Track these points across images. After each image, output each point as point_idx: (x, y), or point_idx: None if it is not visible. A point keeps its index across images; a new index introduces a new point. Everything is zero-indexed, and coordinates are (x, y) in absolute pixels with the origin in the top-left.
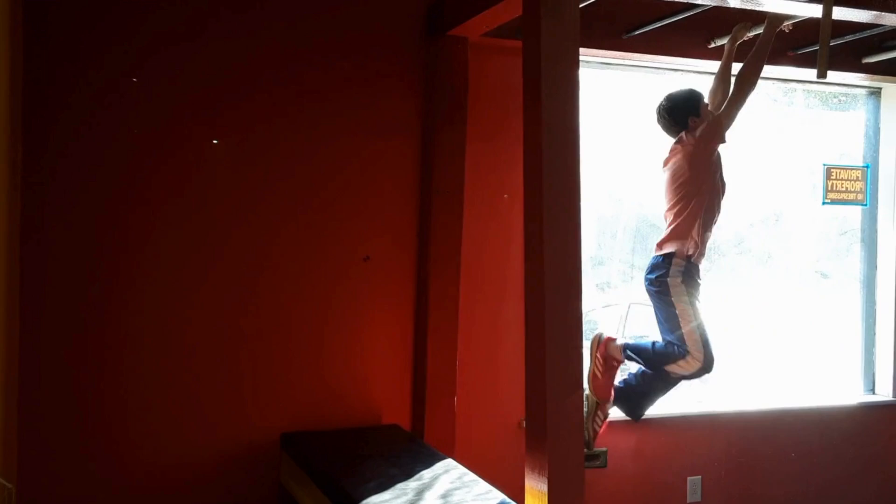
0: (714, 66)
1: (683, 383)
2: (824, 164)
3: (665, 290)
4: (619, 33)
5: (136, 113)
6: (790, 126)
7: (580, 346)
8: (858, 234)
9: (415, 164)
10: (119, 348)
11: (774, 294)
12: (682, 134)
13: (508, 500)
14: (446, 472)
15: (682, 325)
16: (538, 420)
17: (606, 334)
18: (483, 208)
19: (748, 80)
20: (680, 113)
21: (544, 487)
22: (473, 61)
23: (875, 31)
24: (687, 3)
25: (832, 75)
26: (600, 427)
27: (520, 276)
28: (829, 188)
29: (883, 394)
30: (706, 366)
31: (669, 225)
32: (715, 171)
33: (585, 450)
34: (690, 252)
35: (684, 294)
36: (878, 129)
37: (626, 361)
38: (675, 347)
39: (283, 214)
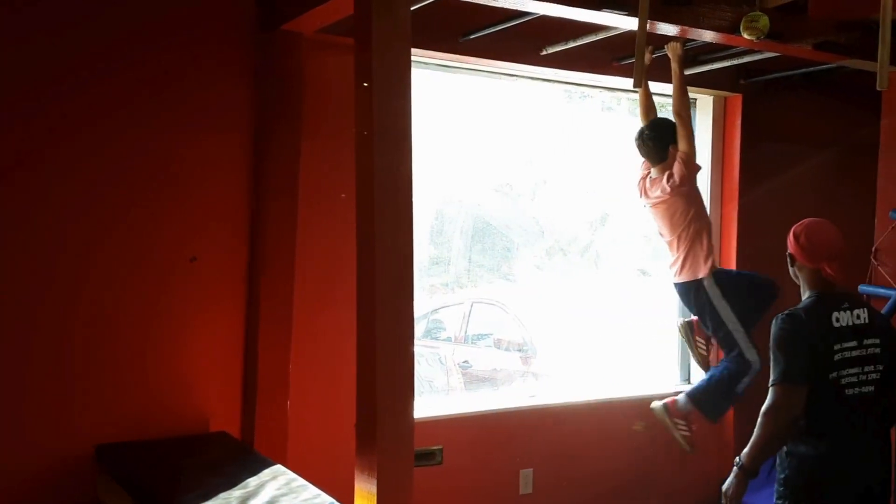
0: (547, 72)
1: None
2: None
3: (710, 306)
4: (456, 36)
5: None
6: (616, 132)
7: (411, 348)
8: None
9: (247, 162)
10: None
11: (601, 291)
12: (665, 183)
13: (336, 503)
14: (274, 478)
15: (733, 332)
16: (368, 421)
17: (664, 402)
18: (319, 207)
19: (684, 112)
20: (663, 141)
21: (373, 488)
22: (311, 58)
23: (690, 45)
24: (518, 10)
25: (650, 85)
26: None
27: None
28: None
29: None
30: (760, 366)
31: (682, 256)
32: (700, 194)
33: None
34: (704, 275)
35: (722, 299)
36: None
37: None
38: (733, 367)
39: (107, 213)
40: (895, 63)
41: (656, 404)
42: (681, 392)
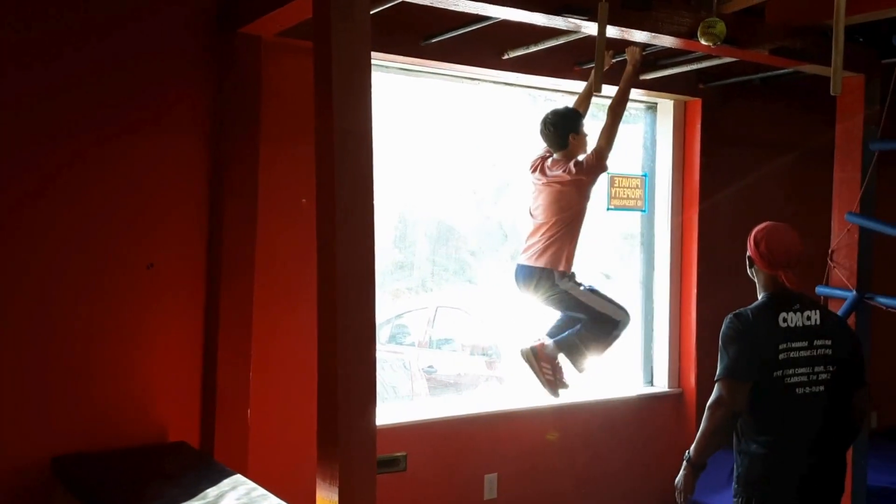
0: (509, 76)
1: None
2: (608, 173)
3: (563, 295)
4: (418, 40)
5: None
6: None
7: (373, 353)
8: (639, 239)
9: (206, 166)
10: None
11: None
12: (571, 165)
13: None
14: (234, 488)
15: (593, 305)
16: (329, 428)
17: (531, 343)
18: (280, 212)
19: (619, 110)
20: (562, 128)
21: (335, 497)
22: (271, 61)
23: (650, 50)
24: (478, 14)
25: (609, 89)
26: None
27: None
28: (613, 195)
29: (660, 385)
30: (627, 315)
31: (547, 241)
32: (589, 197)
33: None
34: (563, 269)
35: (576, 286)
36: (655, 140)
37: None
38: (599, 323)
39: (60, 219)
40: (848, 68)
41: (524, 348)
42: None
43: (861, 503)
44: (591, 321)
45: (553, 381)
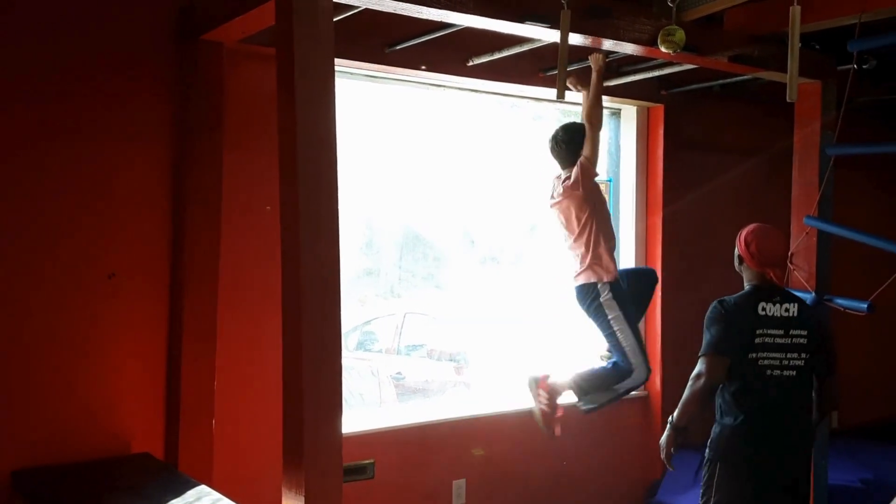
0: (475, 83)
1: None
2: None
3: (601, 312)
4: (382, 47)
5: None
6: (544, 142)
7: (339, 361)
8: None
9: (168, 175)
10: None
11: (532, 299)
12: (562, 186)
13: None
14: (198, 499)
15: (619, 334)
16: (295, 437)
17: (539, 373)
18: (244, 220)
19: (594, 119)
20: (573, 145)
21: None
22: (233, 68)
23: (613, 56)
24: (442, 21)
25: (574, 95)
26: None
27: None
28: None
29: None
30: (645, 370)
31: (583, 257)
32: (603, 200)
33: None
34: (608, 279)
35: (617, 309)
36: (619, 146)
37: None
38: (620, 366)
39: (18, 229)
40: (805, 75)
41: (530, 375)
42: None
43: (823, 501)
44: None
45: (548, 413)
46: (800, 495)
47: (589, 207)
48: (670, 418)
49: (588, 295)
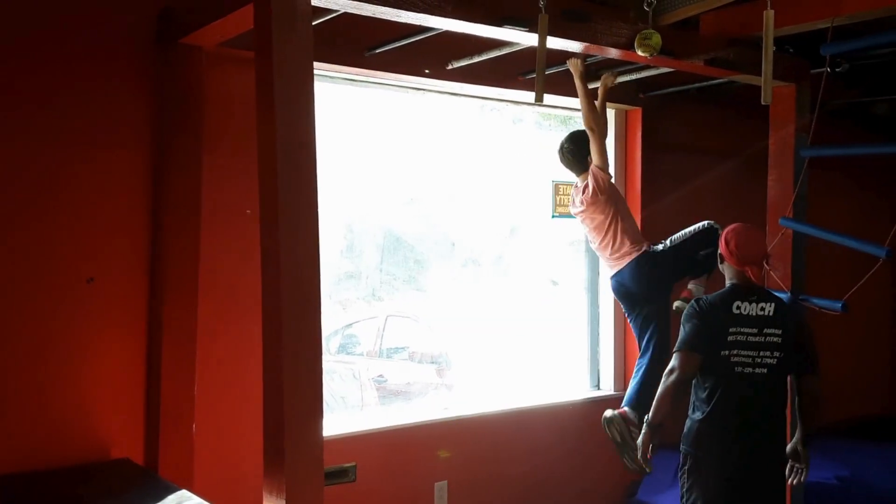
0: (454, 86)
1: None
2: (553, 181)
3: (645, 280)
4: (362, 51)
5: None
6: (523, 146)
7: (320, 364)
8: (583, 245)
9: (147, 178)
10: None
11: (513, 301)
12: (583, 196)
13: None
14: None
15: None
16: (275, 440)
17: (613, 411)
18: (223, 224)
19: (594, 125)
20: (579, 152)
21: None
22: (212, 71)
23: (591, 60)
24: (421, 25)
25: (552, 99)
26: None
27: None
28: (558, 203)
29: (606, 389)
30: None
31: (616, 248)
32: (621, 196)
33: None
34: (646, 248)
35: (656, 268)
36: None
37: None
38: (656, 365)
39: None
40: (780, 78)
41: (611, 415)
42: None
43: (800, 499)
44: (651, 361)
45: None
46: (768, 492)
47: (612, 208)
48: (646, 417)
49: (633, 272)
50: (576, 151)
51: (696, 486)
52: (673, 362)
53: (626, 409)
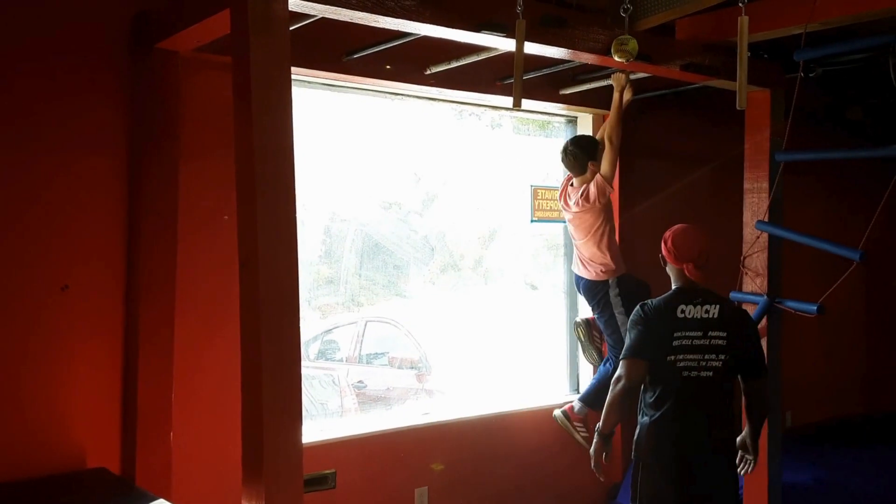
0: (432, 91)
1: None
2: (531, 185)
3: (608, 307)
4: (340, 56)
5: None
6: (502, 150)
7: (298, 370)
8: (562, 249)
9: (122, 185)
10: None
11: (493, 306)
12: (580, 198)
13: None
14: None
15: (623, 335)
16: (254, 448)
17: (562, 408)
18: (201, 230)
19: (615, 138)
20: (581, 157)
21: None
22: (190, 76)
23: (569, 65)
24: (399, 31)
25: (530, 104)
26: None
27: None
28: (536, 207)
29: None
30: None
31: (595, 258)
32: (612, 209)
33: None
34: (616, 276)
35: (621, 305)
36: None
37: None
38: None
39: None
40: (754, 83)
41: (557, 412)
42: (572, 400)
43: (777, 500)
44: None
45: (590, 438)
46: (718, 494)
47: (602, 217)
48: (597, 426)
49: (598, 291)
50: (579, 155)
51: (644, 491)
52: (619, 370)
53: (573, 403)
